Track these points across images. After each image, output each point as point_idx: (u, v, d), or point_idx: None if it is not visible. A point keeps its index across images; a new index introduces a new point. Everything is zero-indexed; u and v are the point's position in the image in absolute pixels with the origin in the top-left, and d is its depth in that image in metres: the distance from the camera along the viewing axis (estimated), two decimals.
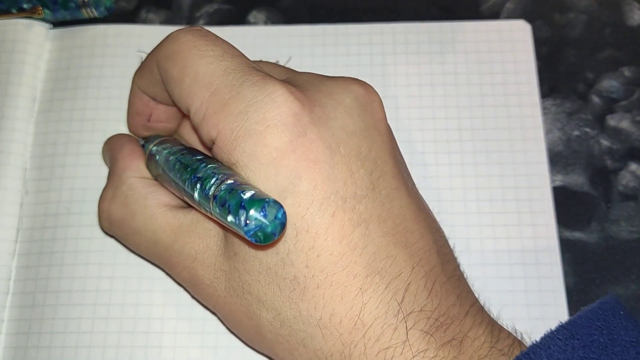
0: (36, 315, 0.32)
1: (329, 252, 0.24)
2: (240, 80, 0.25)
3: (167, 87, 0.27)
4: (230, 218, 0.23)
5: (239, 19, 0.38)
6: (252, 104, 0.24)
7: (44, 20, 0.38)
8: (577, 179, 0.34)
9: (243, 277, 0.25)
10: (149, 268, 0.32)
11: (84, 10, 0.37)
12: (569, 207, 0.33)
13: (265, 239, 0.22)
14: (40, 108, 0.36)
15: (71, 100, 0.36)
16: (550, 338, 0.23)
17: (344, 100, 0.26)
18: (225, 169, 0.25)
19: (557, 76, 0.36)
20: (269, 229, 0.22)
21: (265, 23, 0.38)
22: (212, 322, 0.31)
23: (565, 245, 0.33)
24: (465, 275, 0.27)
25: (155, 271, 0.32)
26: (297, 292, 0.24)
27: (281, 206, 0.22)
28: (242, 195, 0.22)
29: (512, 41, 0.37)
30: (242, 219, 0.22)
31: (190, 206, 0.28)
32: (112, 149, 0.31)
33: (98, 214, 0.30)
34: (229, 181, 0.23)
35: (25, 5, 0.37)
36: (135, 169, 0.30)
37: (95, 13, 0.37)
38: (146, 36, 0.37)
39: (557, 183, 0.34)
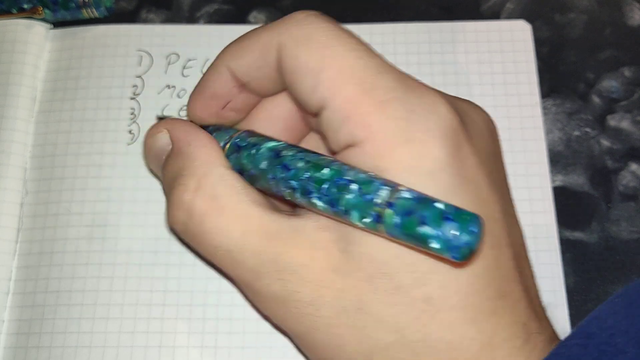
0: (36, 315, 0.32)
1: (467, 273, 0.22)
2: (398, 83, 0.23)
3: (292, 76, 0.24)
4: (425, 230, 0.20)
5: (239, 19, 0.38)
6: (415, 110, 0.23)
7: (44, 20, 0.38)
8: (578, 179, 0.34)
9: (364, 296, 0.23)
10: (148, 268, 0.32)
11: (84, 11, 0.37)
12: (569, 207, 0.33)
13: (470, 254, 0.20)
14: (40, 108, 0.36)
15: (71, 100, 0.36)
16: None
17: (479, 122, 0.25)
18: (370, 173, 0.22)
19: (557, 76, 0.36)
20: (474, 244, 0.20)
21: (266, 23, 0.38)
22: (212, 322, 0.31)
23: (566, 246, 0.33)
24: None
25: (154, 271, 0.32)
26: (428, 313, 0.22)
27: (479, 218, 0.20)
28: (437, 205, 0.20)
29: (512, 41, 0.37)
30: (447, 232, 0.20)
31: (292, 211, 0.26)
32: (181, 133, 0.27)
33: (173, 205, 0.25)
34: (403, 188, 0.21)
35: (25, 6, 0.37)
36: (222, 161, 0.26)
37: (95, 13, 0.37)
38: (146, 36, 0.37)
39: (558, 183, 0.34)
